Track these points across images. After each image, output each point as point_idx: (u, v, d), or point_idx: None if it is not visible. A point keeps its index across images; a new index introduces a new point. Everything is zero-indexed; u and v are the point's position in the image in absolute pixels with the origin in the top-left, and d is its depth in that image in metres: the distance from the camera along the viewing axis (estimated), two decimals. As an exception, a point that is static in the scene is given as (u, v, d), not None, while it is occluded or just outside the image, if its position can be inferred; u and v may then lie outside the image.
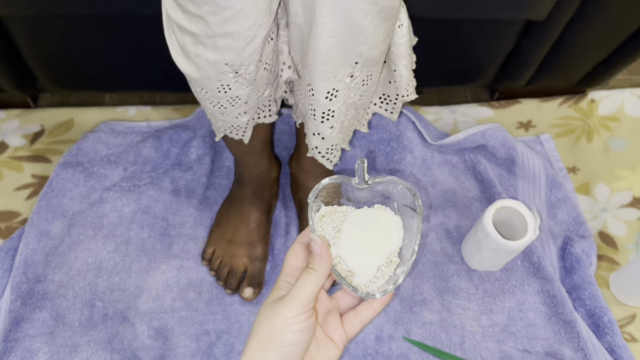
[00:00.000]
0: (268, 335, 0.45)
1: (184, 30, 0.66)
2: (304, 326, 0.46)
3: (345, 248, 0.52)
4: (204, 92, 0.74)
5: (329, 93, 0.71)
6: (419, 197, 0.50)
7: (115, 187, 1.07)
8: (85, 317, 0.95)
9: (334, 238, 0.52)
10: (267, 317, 0.46)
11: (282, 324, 0.45)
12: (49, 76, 1.08)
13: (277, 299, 0.47)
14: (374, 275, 0.51)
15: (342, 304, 0.54)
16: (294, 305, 0.45)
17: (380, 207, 0.54)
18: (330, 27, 0.62)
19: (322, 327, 0.51)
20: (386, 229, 0.52)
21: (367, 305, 0.52)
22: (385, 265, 0.52)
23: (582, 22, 0.98)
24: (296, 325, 0.45)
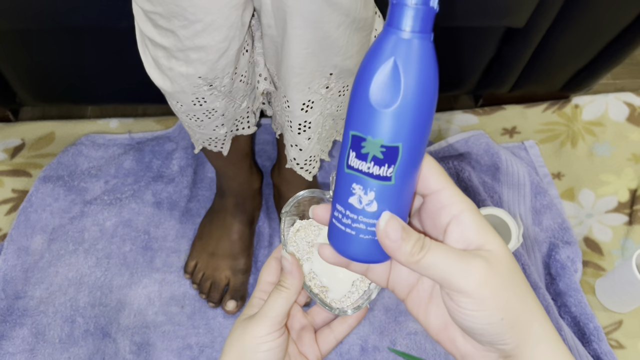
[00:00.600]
0: (239, 354, 0.45)
1: (156, 44, 0.65)
2: (275, 345, 0.45)
3: (319, 263, 0.50)
4: (180, 106, 0.73)
5: (305, 104, 0.70)
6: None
7: (97, 201, 1.06)
8: (66, 333, 0.94)
9: (308, 253, 0.51)
10: (238, 336, 0.46)
11: (253, 343, 0.44)
12: (28, 90, 1.07)
13: (249, 317, 0.46)
14: (349, 290, 0.50)
15: (317, 320, 0.53)
16: (264, 323, 0.45)
17: None
18: (302, 39, 0.62)
19: (296, 344, 0.50)
20: None
21: (341, 321, 0.51)
22: (360, 280, 0.51)
23: (562, 29, 0.98)
24: (267, 344, 0.44)
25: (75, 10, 0.85)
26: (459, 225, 0.34)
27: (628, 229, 1.12)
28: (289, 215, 0.50)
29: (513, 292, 0.33)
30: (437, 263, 0.33)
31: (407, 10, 0.30)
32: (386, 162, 0.33)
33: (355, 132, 0.33)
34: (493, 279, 0.32)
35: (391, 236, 0.33)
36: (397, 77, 0.31)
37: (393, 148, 0.32)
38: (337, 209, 0.36)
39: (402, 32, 0.30)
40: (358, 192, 0.34)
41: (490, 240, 0.34)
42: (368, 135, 0.32)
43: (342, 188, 0.35)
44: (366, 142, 0.32)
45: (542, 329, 0.34)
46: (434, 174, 0.35)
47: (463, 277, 0.32)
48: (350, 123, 0.33)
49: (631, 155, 1.21)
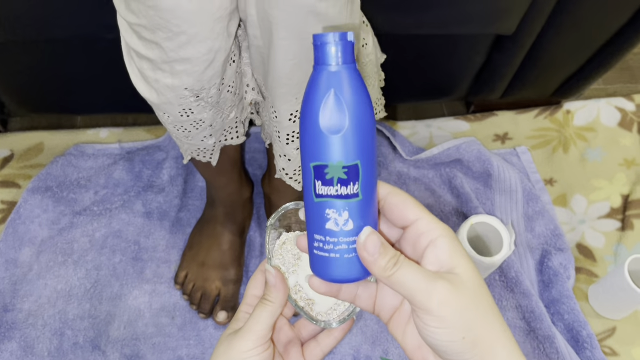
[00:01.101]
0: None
1: (141, 56, 0.65)
2: (261, 359, 0.44)
3: (305, 275, 0.50)
4: (167, 117, 0.72)
5: (292, 115, 0.70)
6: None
7: (86, 212, 1.05)
8: (55, 346, 0.93)
9: (294, 265, 0.51)
10: (223, 351, 0.45)
11: (238, 357, 0.44)
12: (17, 100, 1.06)
13: (234, 332, 0.46)
14: (335, 303, 0.50)
15: (303, 333, 0.52)
16: (249, 338, 0.44)
17: None
18: (288, 50, 0.61)
19: (282, 358, 0.50)
20: None
21: (327, 334, 0.51)
22: None
23: (552, 35, 0.98)
24: (252, 358, 0.44)
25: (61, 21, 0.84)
26: (434, 248, 0.36)
27: (620, 234, 1.11)
28: (274, 228, 0.50)
29: (476, 314, 0.35)
30: (406, 280, 0.35)
31: (331, 48, 0.34)
32: (351, 181, 0.36)
33: (316, 163, 0.36)
34: (455, 300, 0.35)
35: (369, 250, 0.36)
36: (340, 104, 0.35)
37: (353, 166, 0.36)
38: (316, 238, 0.38)
39: (331, 66, 0.34)
40: (333, 215, 0.37)
41: (460, 264, 0.36)
42: (328, 161, 0.36)
43: (315, 218, 0.38)
44: (328, 168, 0.36)
45: (506, 351, 0.36)
46: (410, 206, 0.38)
47: (427, 296, 0.35)
48: (308, 156, 0.36)
49: (623, 161, 1.21)
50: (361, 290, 0.42)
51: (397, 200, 0.38)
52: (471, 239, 0.96)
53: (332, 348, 0.51)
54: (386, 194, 0.39)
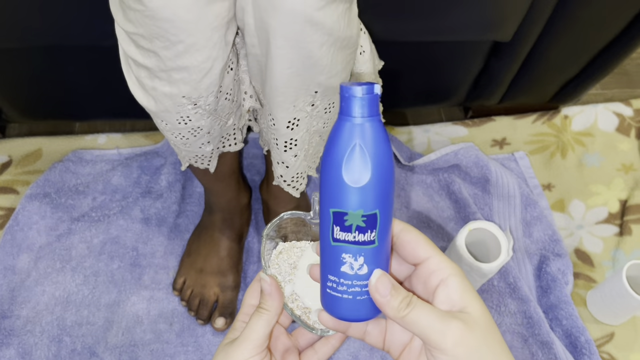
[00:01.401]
0: None
1: (139, 64, 0.65)
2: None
3: (301, 284, 0.50)
4: (165, 124, 0.72)
5: (290, 122, 0.70)
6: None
7: (84, 218, 1.05)
8: (53, 353, 0.93)
9: (290, 275, 0.51)
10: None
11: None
12: (14, 107, 1.06)
13: (231, 342, 0.46)
14: None
15: (301, 342, 0.52)
16: (245, 347, 0.44)
17: None
18: (286, 59, 0.61)
19: None
20: None
21: (324, 342, 0.51)
22: None
23: (550, 41, 0.98)
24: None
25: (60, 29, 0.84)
26: (445, 288, 0.37)
27: (619, 240, 1.12)
28: (270, 238, 0.50)
29: (487, 352, 0.36)
30: (420, 320, 0.36)
31: (357, 101, 0.35)
32: (368, 229, 0.38)
33: (336, 209, 0.37)
34: (468, 339, 0.36)
35: (381, 292, 0.38)
36: (364, 157, 0.36)
37: (372, 215, 0.37)
38: (330, 279, 0.40)
39: (356, 119, 0.35)
40: (348, 260, 0.38)
41: (471, 304, 0.37)
42: (349, 209, 0.37)
43: (331, 260, 0.39)
44: (348, 216, 0.37)
45: None
46: (422, 244, 0.39)
47: (441, 335, 0.36)
48: (329, 202, 0.38)
49: (621, 166, 1.21)
50: (371, 327, 0.43)
51: (409, 238, 0.39)
52: (469, 244, 0.96)
53: (329, 356, 0.51)
54: (399, 231, 0.40)
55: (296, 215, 0.50)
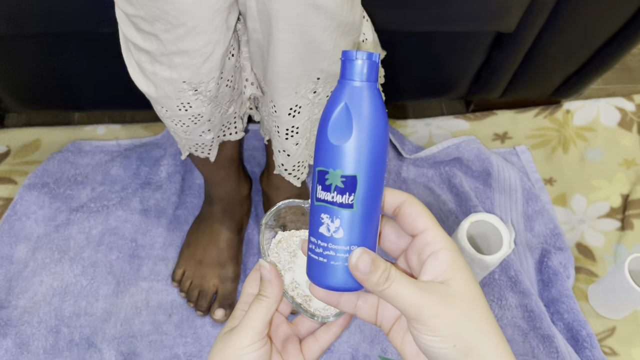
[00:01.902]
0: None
1: (139, 48, 0.64)
2: (258, 355, 0.44)
3: (301, 272, 0.50)
4: (165, 111, 0.72)
5: (292, 109, 0.69)
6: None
7: (83, 208, 1.04)
8: (50, 343, 0.92)
9: (290, 263, 0.50)
10: (220, 349, 0.45)
11: (234, 355, 0.43)
12: (13, 96, 1.05)
13: (230, 330, 0.45)
14: None
15: (301, 330, 0.52)
16: (245, 334, 0.44)
17: None
18: (288, 43, 0.61)
19: (280, 354, 0.49)
20: None
21: (325, 330, 0.50)
22: None
23: (552, 34, 0.98)
24: (249, 355, 0.43)
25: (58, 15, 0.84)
26: (434, 260, 0.38)
27: (620, 234, 1.11)
28: (268, 227, 0.50)
29: (468, 324, 0.37)
30: (398, 293, 0.37)
31: (353, 64, 0.36)
32: (347, 191, 0.38)
33: (320, 167, 0.38)
34: (445, 311, 0.36)
35: (361, 269, 0.38)
36: (349, 116, 0.36)
37: (351, 177, 0.37)
38: (311, 240, 0.40)
39: (352, 81, 0.36)
40: (326, 220, 0.39)
41: (456, 276, 0.38)
42: (330, 168, 0.37)
43: (313, 220, 0.40)
44: (329, 175, 0.38)
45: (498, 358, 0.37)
46: (421, 217, 0.39)
47: (418, 308, 0.36)
48: (316, 160, 0.38)
49: (623, 161, 1.21)
50: (361, 302, 0.43)
51: (410, 210, 0.39)
52: (471, 237, 0.95)
53: (330, 344, 0.51)
54: (402, 203, 0.40)
55: (294, 204, 0.50)
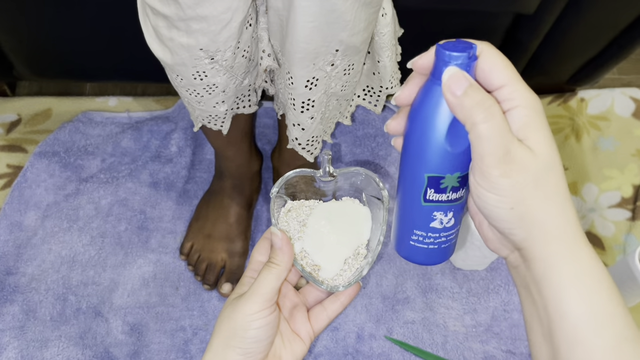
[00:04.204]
0: (230, 332, 0.44)
1: (157, 12, 0.63)
2: (266, 322, 0.44)
3: (311, 242, 0.50)
4: (180, 79, 0.71)
5: (309, 82, 0.68)
6: (384, 188, 0.48)
7: (93, 179, 1.04)
8: (57, 311, 0.92)
9: (300, 232, 0.51)
10: (228, 314, 0.45)
11: (243, 320, 0.44)
12: (26, 63, 1.05)
13: (239, 296, 0.45)
14: (341, 269, 0.50)
15: (309, 299, 0.52)
16: (255, 300, 0.44)
17: (349, 199, 0.52)
18: (309, 12, 0.60)
19: (288, 322, 0.49)
20: (354, 221, 0.51)
21: (333, 299, 0.50)
22: (353, 258, 0.51)
23: (572, 17, 0.96)
24: (258, 321, 0.44)
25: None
26: (509, 118, 0.33)
27: (630, 224, 1.10)
28: (278, 196, 0.50)
29: (534, 191, 0.33)
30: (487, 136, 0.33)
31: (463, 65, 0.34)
32: (461, 187, 0.38)
33: (432, 174, 0.37)
34: (517, 173, 0.33)
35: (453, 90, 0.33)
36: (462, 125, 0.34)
37: (465, 175, 0.37)
38: (417, 233, 0.41)
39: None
40: (439, 217, 0.39)
41: (530, 137, 0.33)
42: (447, 173, 0.37)
43: (420, 218, 0.40)
44: (445, 180, 0.37)
45: (558, 231, 0.34)
46: (496, 72, 0.34)
47: (494, 161, 0.33)
48: (425, 167, 0.37)
49: (635, 151, 1.20)
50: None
51: (484, 65, 0.34)
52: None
53: (338, 313, 0.51)
54: (478, 54, 0.35)
55: (305, 173, 0.50)
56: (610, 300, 0.33)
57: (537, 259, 0.34)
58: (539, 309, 0.35)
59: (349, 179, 0.51)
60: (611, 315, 0.33)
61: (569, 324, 0.33)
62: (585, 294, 0.33)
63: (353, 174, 0.50)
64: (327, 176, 0.50)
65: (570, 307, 0.33)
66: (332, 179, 0.50)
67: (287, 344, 0.47)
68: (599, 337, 0.32)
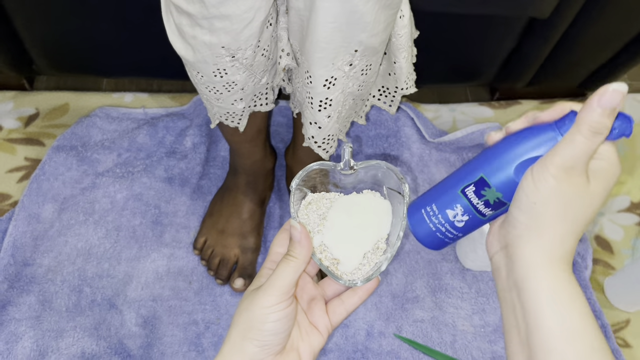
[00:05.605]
0: (248, 325, 0.44)
1: (181, 10, 0.65)
2: (284, 315, 0.44)
3: (330, 235, 0.50)
4: (200, 76, 0.72)
5: (327, 81, 0.69)
6: (405, 182, 0.48)
7: (109, 173, 1.06)
8: (73, 302, 0.94)
9: (319, 225, 0.50)
10: (246, 306, 0.45)
11: (261, 313, 0.44)
12: (46, 58, 1.07)
13: (257, 288, 0.46)
14: (360, 263, 0.50)
15: (328, 291, 0.52)
16: (272, 293, 0.44)
17: (369, 192, 0.52)
18: (330, 12, 0.61)
19: (306, 314, 0.50)
20: (374, 215, 0.51)
21: (352, 293, 0.50)
22: (372, 252, 0.50)
23: (586, 22, 0.97)
24: (275, 314, 0.44)
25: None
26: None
27: (639, 229, 1.11)
28: (299, 188, 0.50)
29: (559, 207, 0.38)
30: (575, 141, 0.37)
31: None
32: (492, 208, 0.42)
33: (485, 177, 0.41)
34: (566, 184, 0.38)
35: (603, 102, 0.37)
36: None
37: (502, 203, 0.42)
38: (433, 208, 0.45)
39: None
40: (458, 210, 0.43)
41: (595, 176, 0.39)
42: (493, 187, 0.41)
43: (446, 199, 0.44)
44: (489, 189, 0.41)
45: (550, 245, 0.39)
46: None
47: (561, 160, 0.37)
48: (486, 170, 0.41)
49: (646, 156, 1.20)
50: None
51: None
52: (492, 222, 0.96)
53: (356, 307, 0.51)
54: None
55: (325, 166, 0.50)
56: (582, 316, 0.38)
57: (520, 259, 0.39)
58: (517, 318, 0.40)
59: (369, 172, 0.51)
60: (583, 329, 0.38)
61: (545, 334, 0.38)
62: (561, 309, 0.38)
63: (374, 167, 0.50)
64: (348, 169, 0.49)
65: (547, 320, 0.38)
66: (352, 172, 0.50)
67: (304, 336, 0.48)
68: (572, 347, 0.37)
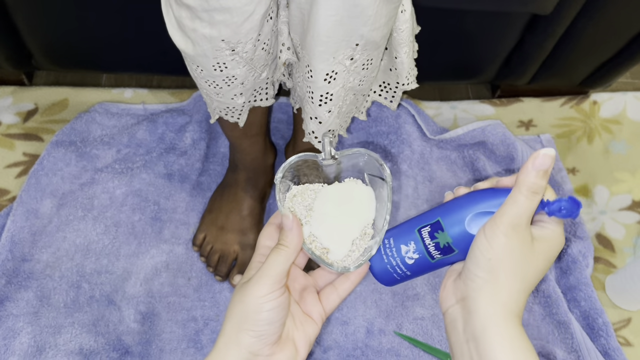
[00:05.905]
0: (242, 316, 0.44)
1: (180, 3, 0.64)
2: (277, 304, 0.44)
3: (318, 225, 0.51)
4: (200, 70, 0.72)
5: (328, 75, 0.69)
6: (386, 167, 0.49)
7: (108, 169, 1.05)
8: (71, 298, 0.93)
9: (306, 217, 0.51)
10: (240, 299, 0.45)
11: (255, 303, 0.44)
12: (45, 53, 1.06)
13: (247, 280, 0.46)
14: (349, 250, 0.51)
15: (319, 281, 0.52)
16: (265, 282, 0.44)
17: (352, 180, 0.53)
18: (331, 5, 0.61)
19: (299, 305, 0.50)
20: (358, 202, 0.51)
21: (344, 279, 0.51)
22: (360, 238, 0.51)
23: (588, 19, 0.97)
24: (269, 303, 0.44)
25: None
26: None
27: (641, 227, 1.11)
28: (282, 181, 0.50)
29: (515, 263, 0.41)
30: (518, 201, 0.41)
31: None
32: (441, 252, 0.45)
33: (442, 221, 0.45)
34: (517, 241, 0.41)
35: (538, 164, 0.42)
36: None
37: (452, 249, 0.45)
38: (390, 241, 0.48)
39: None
40: (410, 247, 0.46)
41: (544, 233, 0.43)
42: (446, 230, 0.44)
43: (403, 234, 0.48)
44: (442, 233, 0.44)
45: (507, 299, 0.41)
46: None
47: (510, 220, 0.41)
48: (444, 214, 0.45)
49: (647, 155, 1.20)
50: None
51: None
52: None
53: (349, 293, 0.51)
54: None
55: (307, 157, 0.50)
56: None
57: (479, 311, 0.41)
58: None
59: (351, 161, 0.51)
60: None
61: None
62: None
63: (355, 156, 0.50)
64: (330, 159, 0.50)
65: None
66: (334, 162, 0.50)
67: (299, 326, 0.48)
68: None
